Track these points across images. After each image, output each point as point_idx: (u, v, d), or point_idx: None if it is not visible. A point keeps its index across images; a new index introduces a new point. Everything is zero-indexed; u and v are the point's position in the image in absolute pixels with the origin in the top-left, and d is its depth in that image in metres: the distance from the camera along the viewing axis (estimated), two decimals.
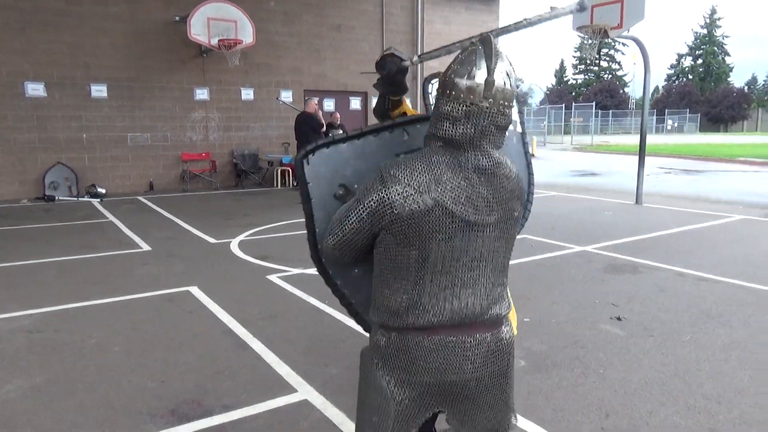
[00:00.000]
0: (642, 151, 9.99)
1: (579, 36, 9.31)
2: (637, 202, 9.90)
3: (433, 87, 2.68)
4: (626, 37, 9.45)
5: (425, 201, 1.40)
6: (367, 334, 1.77)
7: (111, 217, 8.73)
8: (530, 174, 2.15)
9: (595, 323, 4.12)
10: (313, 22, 13.26)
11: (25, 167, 10.75)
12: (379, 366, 1.54)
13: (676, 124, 56.73)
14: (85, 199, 10.69)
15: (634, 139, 38.89)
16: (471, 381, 1.52)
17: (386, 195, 1.41)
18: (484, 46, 1.43)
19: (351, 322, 3.88)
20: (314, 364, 3.43)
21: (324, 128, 11.29)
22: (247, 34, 11.22)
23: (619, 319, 4.20)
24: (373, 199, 1.44)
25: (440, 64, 3.74)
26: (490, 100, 1.39)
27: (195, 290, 4.92)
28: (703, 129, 58.82)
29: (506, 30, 1.86)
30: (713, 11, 70.56)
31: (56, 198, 10.60)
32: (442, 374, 1.49)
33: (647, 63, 9.60)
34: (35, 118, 10.75)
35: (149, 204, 10.21)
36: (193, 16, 10.77)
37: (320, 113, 11.38)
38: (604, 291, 4.90)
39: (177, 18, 11.40)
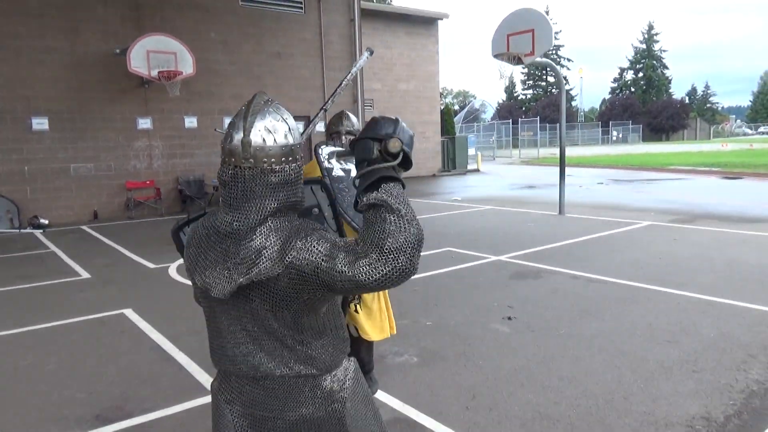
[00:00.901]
0: (562, 165, 10.79)
1: (497, 61, 10.07)
2: (560, 212, 10.66)
3: (324, 151, 3.02)
4: (540, 63, 10.27)
5: (186, 266, 1.52)
6: None
7: (53, 247, 8.91)
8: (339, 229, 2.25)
9: (487, 323, 4.68)
10: (253, 50, 13.76)
11: None
12: (217, 397, 1.59)
13: (620, 135, 59.37)
14: (27, 230, 10.78)
15: (580, 151, 40.76)
16: (279, 420, 1.49)
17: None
18: (246, 106, 1.43)
19: None
20: None
21: None
22: (186, 65, 11.61)
23: (509, 318, 4.78)
24: None
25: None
26: (251, 159, 1.37)
27: (129, 312, 5.27)
28: (646, 139, 61.67)
29: (334, 96, 2.35)
30: (651, 27, 74.26)
31: None
32: (254, 407, 1.51)
33: (561, 84, 10.47)
34: None
35: (92, 233, 10.39)
36: (133, 49, 11.11)
37: None
38: (505, 295, 5.48)
39: (117, 51, 11.70)
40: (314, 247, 1.33)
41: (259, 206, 1.38)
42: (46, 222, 11.15)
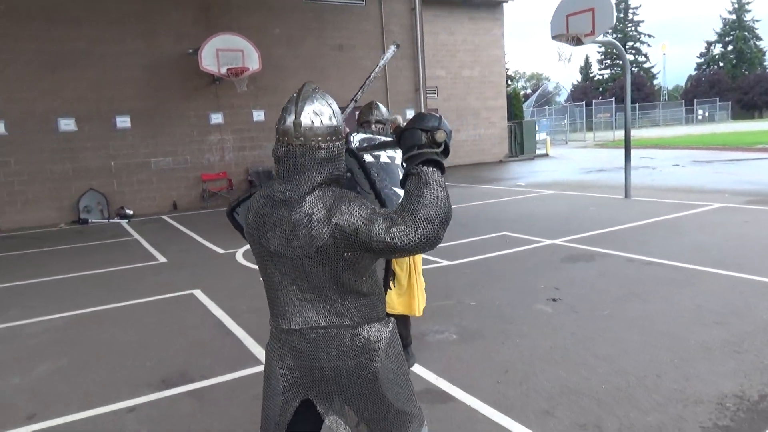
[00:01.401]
0: (627, 147, 10.46)
1: (556, 43, 9.88)
2: (625, 196, 10.36)
3: (355, 138, 3.18)
4: (602, 42, 9.97)
5: (244, 222, 1.83)
6: None
7: (136, 235, 9.72)
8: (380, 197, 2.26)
9: (531, 304, 4.75)
10: (315, 44, 14.18)
11: (61, 194, 11.90)
12: (268, 347, 1.85)
13: (706, 114, 55.76)
14: (115, 220, 11.77)
15: (661, 132, 38.75)
16: (326, 369, 1.70)
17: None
18: (297, 93, 1.69)
19: None
20: None
21: None
22: (253, 62, 12.18)
23: (554, 300, 4.82)
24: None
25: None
26: (301, 138, 1.64)
27: (197, 292, 5.75)
28: (735, 117, 57.60)
29: (363, 88, 2.55)
30: None
31: (89, 221, 11.71)
32: (303, 359, 1.72)
33: (626, 63, 10.11)
34: (68, 150, 11.91)
35: (171, 222, 11.20)
36: (203, 49, 11.79)
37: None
38: (554, 277, 5.50)
39: (190, 51, 12.44)
40: (356, 211, 1.57)
41: (308, 178, 1.64)
42: (131, 212, 12.11)
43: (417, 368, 3.60)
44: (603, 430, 2.78)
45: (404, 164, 1.62)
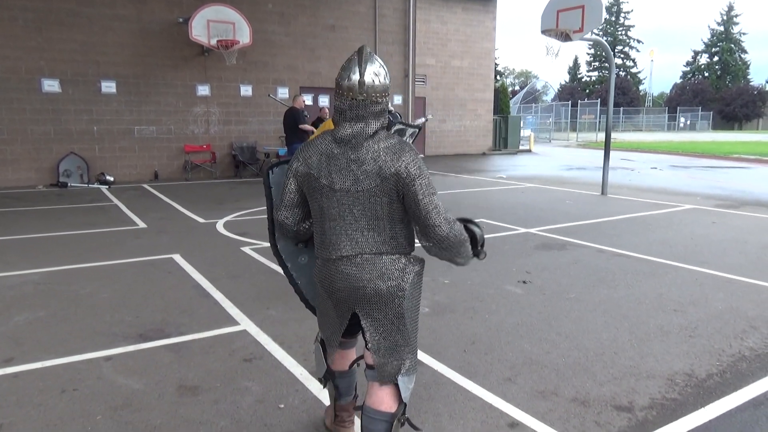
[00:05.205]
0: (607, 147, 10.70)
1: (545, 38, 10.03)
2: (602, 193, 10.61)
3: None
4: (590, 40, 10.16)
5: (305, 169, 2.07)
6: (308, 311, 2.51)
7: (116, 201, 9.69)
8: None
9: (502, 285, 4.93)
10: (308, 23, 14.14)
11: (41, 156, 11.77)
12: (319, 276, 2.16)
13: (688, 122, 56.71)
14: (95, 186, 11.69)
15: (642, 137, 39.36)
16: (368, 288, 2.03)
17: (293, 165, 2.13)
18: (358, 55, 2.03)
19: None
20: (259, 307, 4.29)
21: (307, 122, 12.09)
22: (244, 35, 12.12)
23: (524, 282, 5.00)
24: (291, 168, 2.15)
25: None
26: (365, 94, 1.98)
27: (177, 257, 5.82)
28: (716, 127, 58.67)
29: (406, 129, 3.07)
30: (730, 7, 70.03)
31: (69, 185, 11.61)
32: (350, 281, 2.05)
33: (612, 63, 10.32)
34: (50, 112, 11.77)
35: (152, 191, 11.16)
36: (194, 18, 11.70)
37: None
38: (525, 262, 5.69)
39: (180, 20, 12.34)
40: (424, 173, 2.00)
41: (367, 126, 2.01)
42: (112, 179, 12.03)
43: None
44: (560, 397, 2.95)
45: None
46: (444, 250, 2.07)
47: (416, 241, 2.16)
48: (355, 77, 1.99)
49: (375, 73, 2.00)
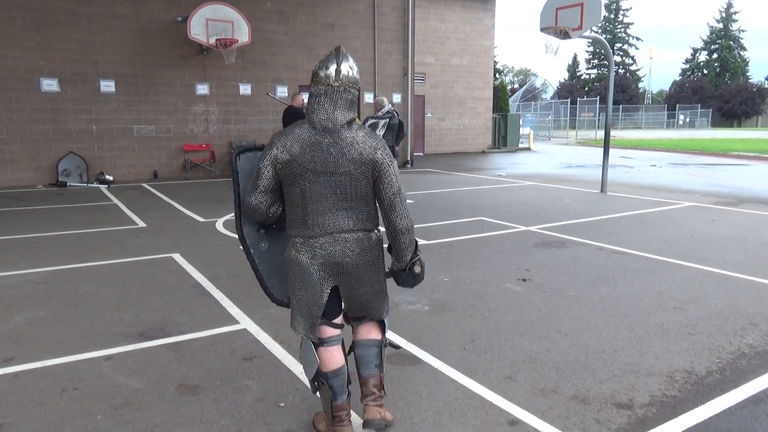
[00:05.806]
0: (606, 145, 10.72)
1: (544, 35, 10.02)
2: (601, 191, 10.62)
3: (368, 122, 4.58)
4: (588, 37, 10.15)
5: (286, 156, 2.27)
6: (265, 297, 2.70)
7: (115, 200, 9.68)
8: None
9: (502, 283, 4.93)
10: (307, 21, 14.12)
11: (40, 156, 11.76)
12: (297, 253, 2.35)
13: (687, 119, 56.70)
14: (94, 185, 11.68)
15: (642, 134, 39.36)
16: (349, 263, 2.34)
17: (272, 153, 2.29)
18: (335, 52, 2.34)
19: None
20: (259, 306, 4.29)
21: None
22: (243, 34, 12.11)
23: (524, 280, 5.00)
24: (268, 155, 2.31)
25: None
26: (340, 81, 2.28)
27: (177, 256, 5.81)
28: (715, 124, 58.68)
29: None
30: (729, 5, 69.99)
31: (68, 184, 11.60)
32: (331, 257, 2.33)
33: (610, 61, 10.32)
34: (49, 111, 11.75)
35: (152, 190, 11.16)
36: (193, 17, 11.69)
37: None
38: (525, 260, 5.69)
39: (179, 18, 12.32)
40: (394, 162, 2.36)
41: (341, 114, 2.29)
42: (111, 178, 12.02)
43: (389, 334, 3.72)
44: (560, 395, 2.96)
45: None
46: (401, 234, 2.38)
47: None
48: (333, 67, 2.28)
49: (350, 66, 2.32)
